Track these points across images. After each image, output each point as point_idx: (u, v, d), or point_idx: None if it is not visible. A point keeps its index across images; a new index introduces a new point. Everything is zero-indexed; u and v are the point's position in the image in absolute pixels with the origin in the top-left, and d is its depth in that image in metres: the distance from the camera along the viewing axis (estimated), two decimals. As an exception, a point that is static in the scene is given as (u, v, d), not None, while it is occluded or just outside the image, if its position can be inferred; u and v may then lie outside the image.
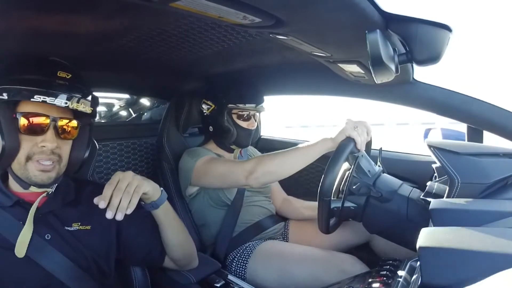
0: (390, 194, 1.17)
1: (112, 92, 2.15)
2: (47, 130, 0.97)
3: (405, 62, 0.86)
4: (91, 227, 1.07)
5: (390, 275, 0.90)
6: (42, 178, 0.98)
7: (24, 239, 0.95)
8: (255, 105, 1.68)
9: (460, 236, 0.67)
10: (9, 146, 0.94)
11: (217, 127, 1.69)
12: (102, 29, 1.02)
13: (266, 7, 0.70)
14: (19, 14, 0.84)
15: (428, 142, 1.06)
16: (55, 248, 0.99)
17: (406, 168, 1.71)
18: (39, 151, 0.97)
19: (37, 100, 0.92)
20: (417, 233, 0.69)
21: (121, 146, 1.94)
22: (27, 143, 0.97)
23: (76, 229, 1.05)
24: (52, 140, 0.97)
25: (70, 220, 1.06)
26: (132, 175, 0.96)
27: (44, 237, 0.99)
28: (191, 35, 1.10)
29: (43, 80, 0.94)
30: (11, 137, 0.94)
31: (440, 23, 0.79)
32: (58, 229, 1.03)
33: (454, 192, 0.96)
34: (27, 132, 0.96)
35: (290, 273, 1.43)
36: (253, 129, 1.72)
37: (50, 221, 1.02)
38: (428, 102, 1.42)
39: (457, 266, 0.59)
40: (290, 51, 1.05)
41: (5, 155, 0.95)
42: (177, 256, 1.19)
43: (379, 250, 1.60)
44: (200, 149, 1.70)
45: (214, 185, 1.59)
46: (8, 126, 0.94)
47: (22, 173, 0.98)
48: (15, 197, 1.01)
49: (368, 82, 1.36)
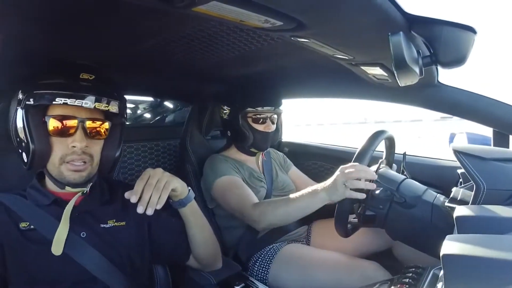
0: (414, 200, 1.14)
1: (137, 95, 2.19)
2: (76, 131, 1.00)
3: (429, 64, 0.84)
4: (125, 223, 1.11)
5: (412, 282, 0.88)
6: (74, 177, 1.02)
7: (61, 237, 0.98)
8: (272, 108, 1.69)
9: (485, 244, 0.65)
10: (39, 149, 0.98)
11: (234, 131, 1.71)
12: (126, 34, 1.04)
13: (288, 10, 0.70)
14: (44, 18, 0.87)
15: (453, 146, 1.04)
16: (90, 245, 1.02)
17: (430, 173, 1.67)
18: (71, 151, 1.00)
19: (59, 103, 0.95)
20: (441, 240, 0.67)
21: (145, 147, 1.98)
22: (58, 145, 1.00)
23: (112, 226, 1.09)
24: (81, 140, 1.00)
25: (105, 218, 1.09)
26: (162, 172, 1.00)
27: (80, 235, 1.02)
28: (213, 39, 1.11)
29: (65, 83, 0.97)
30: (41, 140, 0.98)
31: (465, 25, 0.77)
32: (94, 227, 1.06)
33: (480, 199, 0.93)
34: (56, 134, 1.00)
35: (313, 277, 1.42)
36: (271, 131, 1.72)
37: (86, 220, 1.06)
38: (453, 106, 1.39)
39: (482, 275, 0.57)
40: (312, 53, 1.05)
41: (36, 158, 0.99)
42: (202, 255, 1.20)
43: (401, 257, 1.57)
44: (220, 161, 1.69)
45: (227, 210, 1.61)
46: (38, 130, 0.98)
47: (57, 174, 1.02)
48: (53, 196, 1.05)
49: (392, 85, 1.34)
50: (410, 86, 0.93)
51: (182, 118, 2.40)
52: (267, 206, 1.43)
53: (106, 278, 1.01)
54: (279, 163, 1.92)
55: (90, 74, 1.01)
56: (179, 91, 2.13)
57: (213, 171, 1.65)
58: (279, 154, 1.98)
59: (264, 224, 1.42)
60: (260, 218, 1.41)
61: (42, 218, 1.01)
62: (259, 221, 1.42)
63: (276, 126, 1.76)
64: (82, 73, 1.00)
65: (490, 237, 0.68)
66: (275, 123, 1.76)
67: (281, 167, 1.90)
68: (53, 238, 0.98)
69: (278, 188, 1.78)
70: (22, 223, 1.00)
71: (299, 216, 1.40)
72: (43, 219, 1.01)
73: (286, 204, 1.38)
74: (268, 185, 1.74)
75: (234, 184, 1.60)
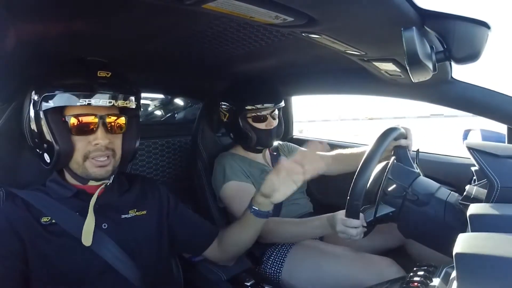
0: (427, 198, 1.13)
1: (148, 92, 2.21)
2: (97, 128, 1.02)
3: (443, 60, 0.83)
4: (146, 212, 1.13)
5: (425, 281, 0.87)
6: (101, 173, 1.04)
7: (89, 228, 1.00)
8: (272, 105, 1.67)
9: (499, 243, 0.64)
10: (63, 148, 0.99)
11: (235, 132, 1.71)
12: (138, 31, 1.05)
13: (298, 6, 0.70)
14: (56, 17, 0.88)
15: (467, 143, 1.02)
16: (111, 237, 1.03)
17: (444, 170, 1.65)
18: (94, 149, 1.02)
19: (83, 104, 0.96)
20: (454, 239, 0.66)
21: (156, 144, 1.99)
22: (81, 143, 1.02)
23: (133, 216, 1.11)
24: (103, 137, 1.02)
25: (126, 208, 1.11)
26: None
27: (101, 226, 1.04)
28: (224, 35, 1.11)
29: (85, 83, 0.97)
30: (64, 140, 0.99)
31: (479, 20, 0.76)
32: (115, 218, 1.08)
33: (494, 197, 0.91)
34: (78, 133, 1.01)
35: (327, 273, 1.42)
36: (273, 127, 1.70)
37: (107, 211, 1.07)
38: (468, 102, 1.36)
39: (495, 274, 0.56)
40: (322, 49, 1.04)
41: (61, 157, 1.00)
42: (229, 253, 1.26)
43: (414, 254, 1.55)
44: (229, 161, 1.68)
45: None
46: (60, 130, 0.99)
47: (82, 171, 1.04)
48: (74, 188, 1.07)
49: (405, 81, 1.32)
50: (423, 82, 0.92)
51: (192, 115, 2.41)
52: (273, 226, 1.44)
53: (125, 270, 1.03)
54: (286, 154, 1.90)
55: (106, 71, 1.01)
56: (190, 88, 2.14)
57: (222, 174, 1.65)
58: (283, 145, 1.96)
59: (266, 241, 1.45)
60: (265, 235, 1.41)
61: (63, 212, 1.03)
62: (263, 237, 1.41)
63: (278, 120, 1.74)
64: (99, 71, 1.00)
65: (504, 236, 0.67)
66: (276, 118, 1.74)
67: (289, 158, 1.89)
68: (74, 231, 1.00)
69: None
70: (43, 217, 1.01)
71: (301, 239, 1.54)
72: (63, 213, 1.02)
73: (293, 229, 1.46)
74: None
75: (241, 192, 1.59)
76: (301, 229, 1.43)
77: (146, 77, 1.75)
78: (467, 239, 0.67)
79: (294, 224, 1.45)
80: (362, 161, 1.20)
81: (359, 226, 1.20)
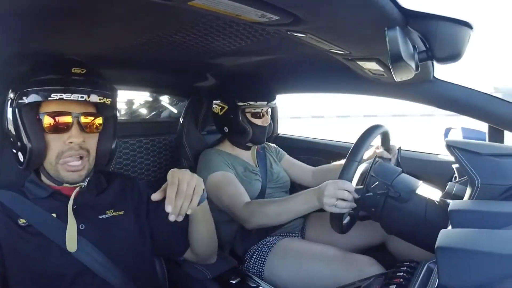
0: (408, 195, 1.15)
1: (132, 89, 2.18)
2: (71, 126, 0.99)
3: (425, 59, 0.85)
4: (124, 212, 1.11)
5: (407, 276, 0.89)
6: (73, 178, 1.02)
7: (72, 233, 0.98)
8: (266, 102, 1.69)
9: (479, 238, 0.66)
10: (36, 147, 0.97)
11: (232, 127, 1.70)
12: (122, 28, 1.04)
13: (284, 5, 0.70)
14: (38, 14, 0.86)
15: (448, 141, 1.04)
16: (89, 238, 1.02)
17: (425, 168, 1.68)
18: (68, 148, 0.99)
19: (54, 98, 0.94)
20: (436, 235, 0.68)
21: (141, 143, 1.97)
22: (54, 142, 0.99)
23: (110, 216, 1.08)
24: (78, 135, 0.99)
25: (103, 208, 1.09)
26: (190, 174, 0.96)
27: (78, 227, 1.02)
28: (209, 33, 1.10)
29: (58, 78, 0.96)
30: (37, 138, 0.97)
31: (461, 20, 0.78)
32: (92, 219, 1.06)
33: (474, 193, 0.94)
34: (52, 131, 0.99)
35: (308, 271, 1.43)
36: (267, 125, 1.73)
37: (84, 212, 1.05)
38: (449, 101, 1.39)
39: (475, 268, 0.58)
40: (308, 48, 1.05)
41: (33, 157, 0.98)
42: (200, 251, 1.21)
43: (395, 251, 1.58)
44: (214, 156, 1.69)
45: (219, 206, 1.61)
46: (33, 128, 0.97)
47: (54, 173, 1.02)
48: (50, 189, 1.05)
49: (388, 80, 1.34)
50: (406, 81, 0.93)
51: (178, 113, 2.40)
52: (257, 206, 1.44)
53: (103, 272, 1.01)
54: (273, 155, 1.92)
55: (81, 68, 1.00)
56: (175, 85, 2.12)
57: (206, 167, 1.65)
58: (271, 146, 1.98)
59: (253, 224, 1.44)
60: (250, 218, 1.43)
61: (38, 214, 1.01)
62: (248, 221, 1.43)
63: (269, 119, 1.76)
64: (73, 68, 0.99)
65: (484, 231, 0.69)
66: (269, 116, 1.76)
67: (275, 159, 1.91)
68: (49, 232, 0.98)
69: (273, 180, 1.78)
70: (20, 219, 1.00)
71: (289, 219, 1.43)
72: (39, 214, 1.01)
73: (278, 206, 1.40)
74: (263, 178, 1.74)
75: (226, 181, 1.60)
76: (285, 206, 1.38)
77: (130, 74, 1.73)
78: (448, 235, 0.68)
79: (277, 202, 1.42)
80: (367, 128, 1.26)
81: (351, 191, 1.18)
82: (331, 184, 1.21)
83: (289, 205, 1.37)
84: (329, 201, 1.19)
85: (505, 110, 1.30)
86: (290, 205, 1.37)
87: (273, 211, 1.40)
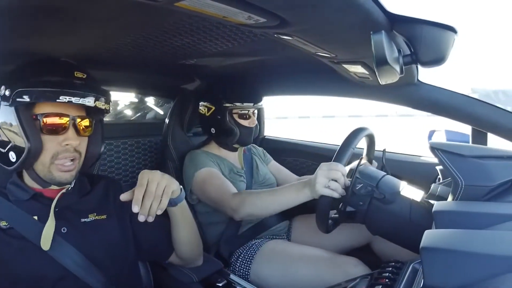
0: (393, 196, 1.16)
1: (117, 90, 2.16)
2: (68, 129, 0.99)
3: (410, 63, 0.86)
4: (106, 216, 1.10)
5: (392, 277, 0.90)
6: (66, 177, 1.02)
7: (49, 232, 0.97)
8: (253, 103, 1.70)
9: (463, 238, 0.67)
10: (34, 147, 0.96)
11: (219, 128, 1.70)
12: (107, 28, 1.03)
13: (271, 7, 0.70)
14: (23, 13, 0.85)
15: (432, 144, 1.06)
16: (70, 241, 1.00)
17: (410, 169, 1.70)
18: (63, 149, 0.99)
19: (63, 101, 0.94)
20: (420, 235, 0.68)
21: (125, 144, 1.95)
22: (50, 144, 0.99)
23: (93, 220, 1.07)
24: (74, 138, 1.00)
25: (86, 212, 1.08)
26: (161, 175, 0.96)
27: (60, 230, 1.01)
28: (196, 34, 1.10)
29: (64, 81, 0.96)
30: (35, 138, 0.96)
31: (445, 25, 0.79)
32: (74, 222, 1.04)
33: (458, 195, 0.95)
34: (49, 132, 0.98)
35: (294, 273, 1.43)
36: (254, 126, 1.74)
37: (66, 215, 1.04)
38: (433, 104, 1.41)
39: (459, 268, 0.59)
40: (294, 51, 1.05)
41: (30, 156, 0.97)
42: (184, 254, 1.20)
43: (380, 252, 1.60)
44: (200, 156, 1.69)
45: (207, 203, 1.61)
46: (30, 128, 0.96)
47: (46, 174, 1.01)
48: (32, 191, 1.03)
49: (373, 83, 1.36)
50: (391, 84, 0.94)
51: (163, 114, 2.38)
52: (247, 195, 1.43)
53: (85, 276, 1.00)
54: (259, 157, 1.92)
55: (82, 72, 1.00)
56: (161, 86, 2.11)
57: (193, 164, 1.65)
58: (258, 149, 1.98)
59: (242, 213, 1.41)
60: (239, 206, 1.40)
61: (19, 216, 0.99)
62: (237, 209, 1.40)
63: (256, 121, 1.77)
64: (75, 72, 0.99)
65: (467, 232, 0.70)
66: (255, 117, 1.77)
67: (261, 161, 1.91)
68: (30, 235, 0.97)
69: (258, 182, 1.79)
70: (2, 221, 0.99)
71: (279, 209, 1.40)
72: (20, 216, 0.99)
73: (268, 195, 1.39)
74: (248, 180, 1.75)
75: (213, 175, 1.59)
76: (276, 196, 1.37)
77: (115, 75, 1.71)
78: (432, 235, 0.69)
79: (267, 192, 1.41)
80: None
81: (345, 174, 1.19)
82: (325, 165, 1.22)
83: (279, 195, 1.36)
84: (322, 181, 1.19)
85: (488, 112, 1.33)
86: (280, 195, 1.36)
87: (263, 201, 1.39)
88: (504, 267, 0.54)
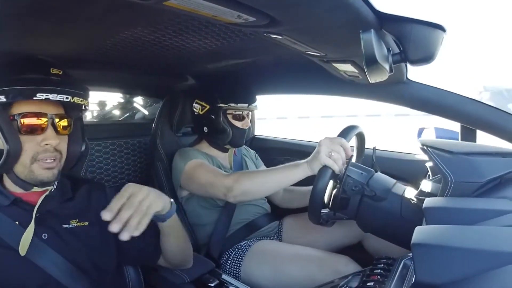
0: (384, 193, 1.17)
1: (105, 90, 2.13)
2: (47, 128, 0.97)
3: (399, 61, 0.86)
4: (88, 223, 1.07)
5: (384, 273, 0.91)
6: (47, 176, 0.98)
7: (27, 237, 0.95)
8: (247, 104, 1.68)
9: (453, 234, 0.68)
10: (13, 148, 0.93)
11: (212, 127, 1.69)
12: (95, 28, 1.01)
13: (261, 6, 0.70)
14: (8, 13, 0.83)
15: (422, 141, 1.07)
16: (52, 247, 0.98)
17: (400, 167, 1.71)
18: (43, 150, 0.97)
19: (40, 98, 0.92)
20: (411, 231, 0.69)
21: (114, 145, 1.92)
22: (29, 144, 0.96)
23: (74, 226, 1.05)
24: (53, 137, 0.97)
25: (67, 218, 1.05)
26: (147, 191, 0.91)
27: (41, 236, 0.99)
28: (185, 33, 1.09)
29: (40, 78, 0.94)
30: (13, 139, 0.93)
31: (434, 23, 0.80)
32: (56, 228, 1.02)
33: (448, 191, 0.96)
34: (27, 132, 0.96)
35: (285, 273, 1.43)
36: (247, 128, 1.72)
37: (47, 221, 1.01)
38: (422, 102, 1.43)
39: (450, 264, 0.59)
40: (285, 50, 1.05)
41: (10, 158, 0.94)
42: (173, 261, 1.19)
43: (372, 250, 1.60)
44: (191, 151, 1.68)
45: (198, 192, 1.60)
46: (8, 129, 0.93)
47: (27, 175, 0.98)
48: (12, 196, 1.00)
49: (362, 81, 1.37)
50: (380, 82, 0.95)
51: (152, 114, 2.36)
52: (242, 172, 1.42)
53: (69, 282, 0.98)
54: (250, 159, 1.92)
55: (58, 69, 0.98)
56: (149, 86, 2.09)
57: (182, 158, 1.63)
58: (250, 152, 1.97)
59: (237, 190, 1.37)
60: (234, 183, 1.37)
61: (0, 222, 0.97)
62: (232, 187, 1.37)
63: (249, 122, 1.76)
64: (51, 68, 0.97)
65: (458, 227, 0.71)
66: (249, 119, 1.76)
67: (252, 163, 1.90)
68: (11, 241, 0.95)
69: None
70: None
71: (277, 186, 1.39)
72: (1, 223, 0.97)
73: (264, 172, 1.39)
74: None
75: (204, 164, 1.58)
76: (273, 173, 1.35)
77: (103, 75, 1.69)
78: (423, 231, 0.70)
79: (264, 170, 1.41)
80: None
81: (346, 149, 1.21)
82: (328, 138, 1.24)
83: (277, 172, 1.34)
84: (325, 150, 1.20)
85: (476, 109, 1.35)
86: (278, 172, 1.34)
87: (260, 177, 1.38)
88: (494, 262, 0.55)
